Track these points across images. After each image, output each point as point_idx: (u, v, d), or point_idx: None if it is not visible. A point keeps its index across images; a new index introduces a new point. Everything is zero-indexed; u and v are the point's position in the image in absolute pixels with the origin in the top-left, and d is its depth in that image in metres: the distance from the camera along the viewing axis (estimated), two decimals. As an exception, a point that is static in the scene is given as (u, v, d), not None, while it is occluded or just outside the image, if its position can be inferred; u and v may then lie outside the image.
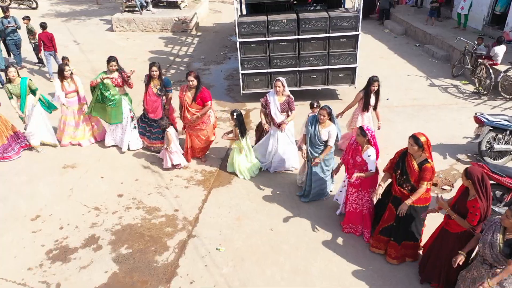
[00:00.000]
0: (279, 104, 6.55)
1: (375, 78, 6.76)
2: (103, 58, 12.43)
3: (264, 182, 6.81)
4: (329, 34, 8.70)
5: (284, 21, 8.60)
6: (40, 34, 10.63)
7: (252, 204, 6.35)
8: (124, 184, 6.86)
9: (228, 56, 12.82)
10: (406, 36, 14.45)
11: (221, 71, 11.71)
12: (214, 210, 6.23)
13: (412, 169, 4.64)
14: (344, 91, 9.86)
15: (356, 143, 5.25)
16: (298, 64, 9.02)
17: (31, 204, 6.39)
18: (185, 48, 13.61)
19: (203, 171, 7.17)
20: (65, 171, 7.22)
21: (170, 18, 15.08)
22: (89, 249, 5.54)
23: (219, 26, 16.16)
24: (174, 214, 6.16)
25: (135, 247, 5.57)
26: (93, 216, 6.14)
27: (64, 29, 15.43)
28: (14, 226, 5.96)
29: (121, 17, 15.17)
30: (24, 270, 5.23)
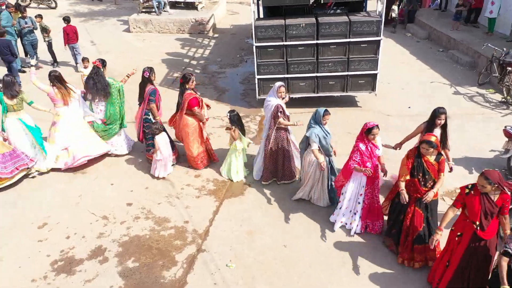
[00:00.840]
0: (285, 108, 6.46)
1: (441, 110, 5.45)
2: (118, 59, 12.43)
3: (279, 194, 6.52)
4: (350, 39, 8.36)
5: (303, 25, 8.30)
6: (65, 27, 11.04)
7: (265, 217, 6.07)
8: (133, 192, 6.67)
9: (245, 59, 12.57)
10: (429, 40, 13.96)
11: (237, 75, 11.47)
12: (225, 222, 5.98)
13: (432, 167, 4.83)
14: (363, 98, 9.50)
15: (368, 141, 5.34)
16: (316, 69, 8.71)
17: (39, 211, 6.25)
18: (201, 50, 13.42)
19: (215, 180, 6.93)
20: (75, 176, 7.07)
21: (187, 19, 14.92)
22: (95, 261, 5.35)
23: (236, 28, 15.93)
24: (183, 226, 5.93)
25: (142, 260, 5.36)
26: (101, 226, 5.95)
27: (82, 29, 15.36)
28: (21, 233, 5.82)
29: (138, 18, 15.08)
30: (28, 281, 5.06)
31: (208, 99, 9.88)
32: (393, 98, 9.67)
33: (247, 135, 8.20)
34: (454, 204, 4.42)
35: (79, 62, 11.45)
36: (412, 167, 4.87)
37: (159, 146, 6.62)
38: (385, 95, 9.68)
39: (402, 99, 9.64)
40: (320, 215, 6.05)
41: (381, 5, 8.59)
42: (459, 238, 4.46)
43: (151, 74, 6.83)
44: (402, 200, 4.91)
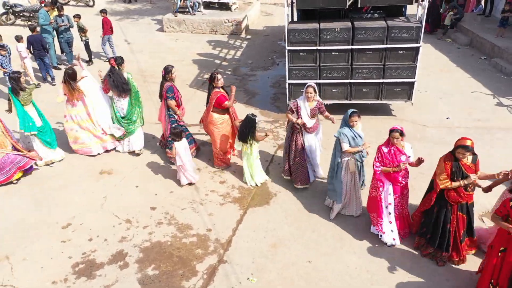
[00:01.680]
0: (309, 110, 6.35)
1: None
2: (150, 59, 12.49)
3: (306, 206, 6.27)
4: (387, 45, 8.00)
5: (338, 29, 8.00)
6: (104, 18, 11.64)
7: (290, 229, 5.84)
8: (158, 196, 6.59)
9: (277, 62, 12.35)
10: (470, 47, 13.29)
11: (268, 78, 11.27)
12: (248, 233, 5.79)
13: (470, 170, 4.79)
14: (399, 107, 9.09)
15: (392, 146, 5.24)
16: (350, 76, 8.38)
17: (64, 211, 6.26)
18: (233, 52, 13.30)
19: (241, 187, 6.75)
20: (101, 177, 7.07)
21: (220, 20, 14.85)
22: (115, 266, 5.28)
23: (269, 30, 15.73)
24: (206, 234, 5.79)
25: (163, 268, 5.24)
26: (124, 229, 5.89)
27: (117, 28, 15.56)
28: (45, 233, 5.83)
29: (171, 18, 15.13)
30: (49, 283, 5.05)
31: (237, 102, 9.73)
32: (430, 107, 9.20)
33: (276, 141, 8.02)
34: (496, 212, 4.34)
35: (108, 55, 12.01)
36: (451, 173, 4.79)
37: (178, 152, 6.50)
38: (422, 104, 9.23)
39: (440, 109, 9.17)
40: (350, 229, 5.76)
41: (421, 10, 8.18)
42: (502, 254, 4.28)
43: (167, 73, 7.00)
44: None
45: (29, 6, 15.40)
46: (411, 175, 5.55)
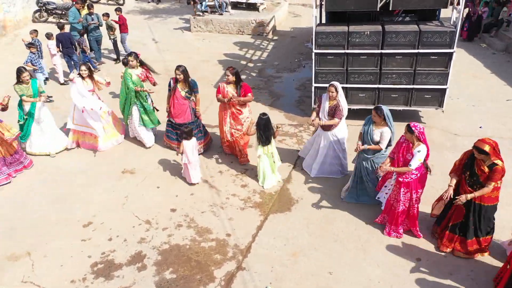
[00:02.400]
0: (328, 108, 6.44)
1: None
2: (177, 58, 12.51)
3: (328, 214, 6.09)
4: (418, 50, 7.71)
5: (367, 33, 7.77)
6: (120, 16, 11.92)
7: (311, 238, 5.68)
8: (178, 197, 6.54)
9: (303, 64, 12.16)
10: (507, 53, 12.73)
11: (294, 80, 11.10)
12: (268, 240, 5.66)
13: (482, 171, 4.72)
14: (428, 114, 8.77)
15: (406, 141, 5.23)
16: (378, 81, 8.13)
17: (86, 209, 6.29)
18: (259, 53, 13.19)
19: (262, 192, 6.63)
20: (124, 176, 7.08)
21: (248, 21, 14.77)
22: (133, 268, 5.25)
23: (296, 31, 15.55)
24: (225, 239, 5.69)
25: (180, 272, 5.18)
26: (143, 230, 5.86)
27: (145, 27, 15.80)
28: (66, 231, 5.87)
29: (199, 17, 15.15)
30: (67, 282, 5.06)
31: (261, 104, 9.64)
32: (462, 115, 8.84)
33: (299, 145, 7.86)
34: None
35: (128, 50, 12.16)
36: (464, 164, 4.94)
37: (186, 151, 6.50)
38: (453, 111, 8.88)
39: (473, 117, 8.79)
40: (374, 241, 5.56)
41: (456, 14, 7.85)
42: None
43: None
44: (444, 195, 5.04)
45: (61, 4, 15.73)
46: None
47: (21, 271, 5.23)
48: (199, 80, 10.30)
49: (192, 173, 6.70)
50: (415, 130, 5.01)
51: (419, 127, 5.03)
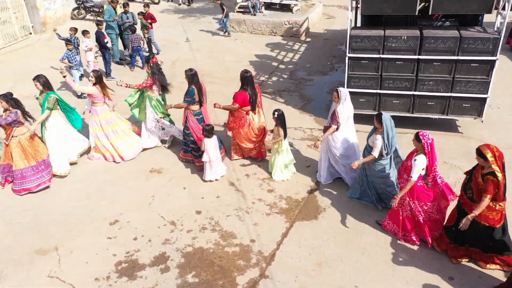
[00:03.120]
0: (330, 112, 6.48)
1: None
2: (208, 58, 12.53)
3: (357, 225, 5.89)
4: (458, 57, 7.36)
5: (404, 37, 7.49)
6: (148, 12, 12.00)
7: (337, 248, 5.51)
8: (204, 199, 6.50)
9: (335, 67, 11.92)
10: (553, 61, 12.05)
11: (325, 84, 10.89)
12: (293, 248, 5.53)
13: (475, 184, 4.66)
14: (466, 124, 8.37)
15: (414, 154, 5.16)
16: (414, 87, 7.83)
17: (113, 207, 6.35)
18: (291, 55, 13.03)
19: (289, 198, 6.50)
20: (151, 175, 7.11)
21: (280, 22, 14.64)
22: (156, 269, 5.24)
23: (330, 33, 15.28)
24: (249, 245, 5.60)
25: (203, 276, 5.13)
26: (168, 231, 5.85)
27: (179, 26, 15.92)
28: (93, 228, 5.94)
29: (232, 18, 15.14)
30: (92, 280, 5.10)
31: (291, 107, 9.50)
32: (503, 126, 8.39)
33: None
34: None
35: (160, 50, 12.59)
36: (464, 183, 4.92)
37: (207, 149, 6.51)
38: (493, 122, 8.45)
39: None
40: (404, 255, 5.33)
41: (501, 19, 7.45)
42: None
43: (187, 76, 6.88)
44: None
45: (99, 1, 16.07)
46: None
47: (48, 265, 5.32)
48: (230, 81, 10.32)
49: (213, 170, 6.74)
50: (422, 139, 4.94)
51: (428, 137, 4.94)
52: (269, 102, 9.62)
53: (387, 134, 5.57)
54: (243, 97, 6.89)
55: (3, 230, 5.93)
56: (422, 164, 4.96)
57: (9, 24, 13.35)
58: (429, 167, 5.02)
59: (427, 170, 5.05)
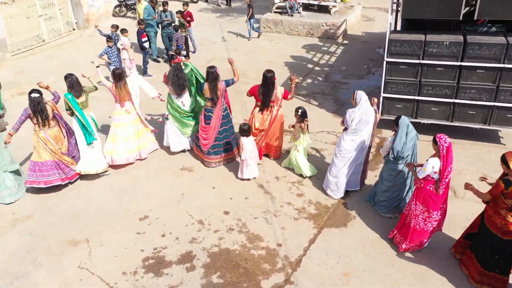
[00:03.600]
0: None
1: None
2: (243, 58, 12.54)
3: (387, 235, 5.71)
4: (504, 65, 7.02)
5: (446, 43, 7.21)
6: (187, 11, 12.00)
7: (366, 259, 5.36)
8: (233, 200, 6.50)
9: (372, 71, 11.65)
10: None
11: (361, 87, 10.63)
12: (320, 255, 5.43)
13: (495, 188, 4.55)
14: (509, 135, 7.97)
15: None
16: (454, 95, 7.53)
17: (143, 202, 6.45)
18: (327, 57, 12.85)
19: (318, 203, 6.40)
20: (182, 173, 7.18)
21: (318, 23, 14.46)
22: (182, 267, 5.28)
23: (368, 35, 14.96)
24: (275, 249, 5.55)
25: (227, 278, 5.12)
26: (195, 230, 5.89)
27: (216, 25, 16.05)
28: (123, 222, 6.06)
29: (269, 18, 15.11)
30: (119, 273, 5.20)
31: (325, 110, 9.36)
32: (550, 139, 7.95)
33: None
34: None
35: (196, 48, 12.83)
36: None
37: (245, 147, 6.59)
38: (539, 134, 8.01)
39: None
40: (435, 270, 5.13)
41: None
42: None
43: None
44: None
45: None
46: None
47: (79, 257, 5.47)
48: (264, 82, 10.28)
49: (248, 169, 6.78)
50: (438, 142, 4.83)
51: (445, 140, 4.80)
52: (302, 104, 9.50)
53: (399, 138, 5.48)
54: (252, 89, 7.09)
55: (41, 219, 6.15)
56: (433, 166, 4.85)
57: (55, 20, 13.88)
58: (442, 171, 4.83)
59: (440, 175, 4.86)
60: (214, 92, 6.79)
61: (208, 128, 6.99)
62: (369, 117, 6.07)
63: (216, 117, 6.96)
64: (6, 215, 6.22)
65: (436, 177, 4.90)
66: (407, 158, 5.63)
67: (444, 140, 4.80)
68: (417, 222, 5.16)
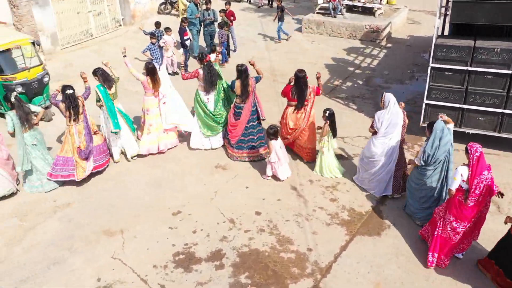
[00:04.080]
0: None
1: None
2: (283, 58, 12.49)
3: (424, 247, 5.47)
4: (560, 75, 6.61)
5: (497, 50, 6.86)
6: (230, 11, 12.08)
7: (399, 271, 5.19)
8: (265, 201, 6.48)
9: (416, 77, 11.28)
10: None
11: (403, 93, 10.34)
12: (351, 263, 5.31)
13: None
14: None
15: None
16: (504, 105, 7.15)
17: (177, 197, 6.55)
18: (369, 60, 12.56)
19: (351, 210, 6.26)
20: (216, 171, 7.24)
21: (361, 25, 14.17)
22: (211, 265, 5.31)
23: (413, 39, 14.50)
24: (306, 253, 5.48)
25: (255, 279, 5.10)
26: (226, 229, 5.91)
27: (258, 25, 16.05)
28: (157, 216, 6.17)
29: (311, 19, 14.95)
30: (150, 266, 5.30)
31: (364, 115, 9.15)
32: None
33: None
34: None
35: (236, 47, 12.87)
36: None
37: (275, 149, 6.59)
38: None
39: None
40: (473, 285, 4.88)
41: None
42: None
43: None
44: None
45: (184, -3, 16.72)
46: None
47: (113, 247, 5.62)
48: (303, 83, 10.19)
49: (281, 169, 6.79)
50: (469, 150, 4.79)
51: (476, 149, 4.73)
52: (341, 107, 9.37)
53: (431, 142, 5.37)
54: (284, 90, 7.22)
55: (79, 207, 6.38)
56: (461, 175, 4.80)
57: (103, 15, 14.35)
58: (470, 181, 4.73)
59: (469, 185, 4.76)
60: (245, 88, 6.94)
61: (237, 123, 7.20)
62: (398, 119, 6.07)
63: (246, 112, 7.16)
64: (48, 202, 6.49)
65: (465, 187, 4.81)
66: (439, 165, 5.50)
67: (475, 149, 4.73)
68: (445, 231, 5.06)
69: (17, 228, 5.95)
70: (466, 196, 4.81)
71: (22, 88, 8.36)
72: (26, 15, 11.53)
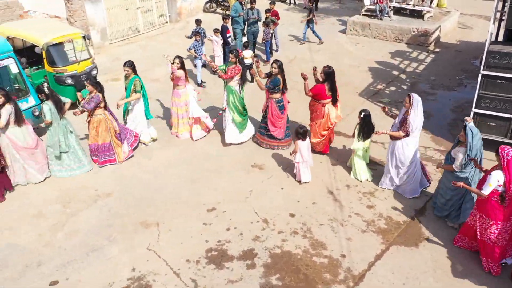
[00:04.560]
0: (399, 118, 6.39)
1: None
2: (326, 60, 12.31)
3: (465, 262, 5.27)
4: None
5: (557, 59, 6.45)
6: (274, 10, 12.23)
7: (436, 285, 5.00)
8: (300, 203, 6.42)
9: (464, 83, 10.81)
10: None
11: (450, 100, 9.95)
12: (385, 273, 5.16)
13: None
14: None
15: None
16: (560, 117, 6.73)
17: (213, 194, 6.62)
18: (415, 65, 12.17)
19: (389, 218, 6.09)
20: (252, 170, 7.25)
21: (408, 28, 13.74)
22: (243, 264, 5.33)
23: (463, 45, 13.91)
24: (338, 259, 5.38)
25: (286, 281, 5.07)
26: (259, 229, 5.91)
27: (301, 25, 15.88)
28: (192, 211, 6.26)
29: (357, 20, 14.66)
30: (183, 260, 5.39)
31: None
32: None
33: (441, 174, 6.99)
34: None
35: (279, 47, 12.84)
36: None
37: (301, 150, 6.60)
38: None
39: None
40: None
41: None
42: None
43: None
44: None
45: (230, -4, 16.87)
46: None
47: (149, 239, 5.75)
48: (344, 85, 10.03)
49: (304, 170, 6.75)
50: (500, 153, 4.78)
51: (507, 153, 4.73)
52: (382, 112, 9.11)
53: (469, 146, 5.34)
54: (318, 89, 7.20)
55: (119, 198, 6.57)
56: (497, 180, 4.77)
57: (150, 12, 14.75)
58: (507, 184, 4.72)
59: (506, 188, 4.74)
60: (284, 84, 7.44)
61: (283, 117, 7.58)
62: (421, 120, 6.24)
63: (287, 105, 7.63)
64: (90, 191, 6.73)
65: (501, 190, 4.76)
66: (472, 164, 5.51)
67: (507, 153, 4.74)
68: (488, 236, 4.98)
69: (61, 214, 6.22)
70: (503, 198, 4.78)
71: (71, 80, 8.74)
72: (79, 10, 12.03)
